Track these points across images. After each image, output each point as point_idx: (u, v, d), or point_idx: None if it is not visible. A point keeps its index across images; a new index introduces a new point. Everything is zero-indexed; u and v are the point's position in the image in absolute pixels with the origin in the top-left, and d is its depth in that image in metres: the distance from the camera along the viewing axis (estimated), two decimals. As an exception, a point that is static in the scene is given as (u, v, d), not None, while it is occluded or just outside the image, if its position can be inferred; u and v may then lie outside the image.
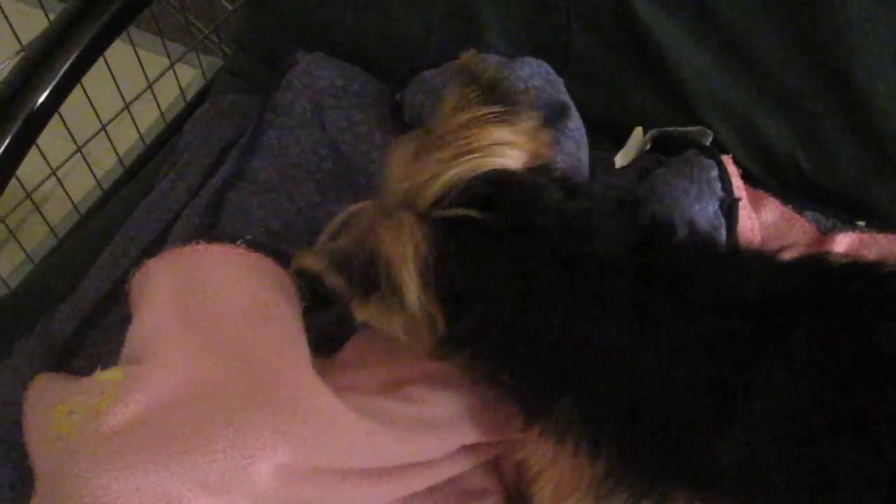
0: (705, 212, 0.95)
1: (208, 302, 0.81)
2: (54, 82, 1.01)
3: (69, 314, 0.94)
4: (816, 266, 0.69)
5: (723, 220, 0.96)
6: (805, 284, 0.67)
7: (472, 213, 0.67)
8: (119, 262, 0.97)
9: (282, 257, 0.88)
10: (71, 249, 1.12)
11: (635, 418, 0.66)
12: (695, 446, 0.63)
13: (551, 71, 1.05)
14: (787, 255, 0.70)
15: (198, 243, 0.85)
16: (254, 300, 0.82)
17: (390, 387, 0.80)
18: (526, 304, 0.66)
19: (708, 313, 0.64)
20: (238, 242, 0.86)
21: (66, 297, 0.97)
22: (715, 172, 0.97)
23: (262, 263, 0.86)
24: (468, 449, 0.79)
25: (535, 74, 1.02)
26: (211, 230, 0.97)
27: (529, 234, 0.67)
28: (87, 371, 0.81)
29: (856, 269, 0.67)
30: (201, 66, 1.44)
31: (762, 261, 0.71)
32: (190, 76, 1.49)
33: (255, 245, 0.87)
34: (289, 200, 1.03)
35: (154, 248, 0.96)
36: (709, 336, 0.63)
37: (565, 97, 1.04)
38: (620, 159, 1.06)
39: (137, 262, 0.90)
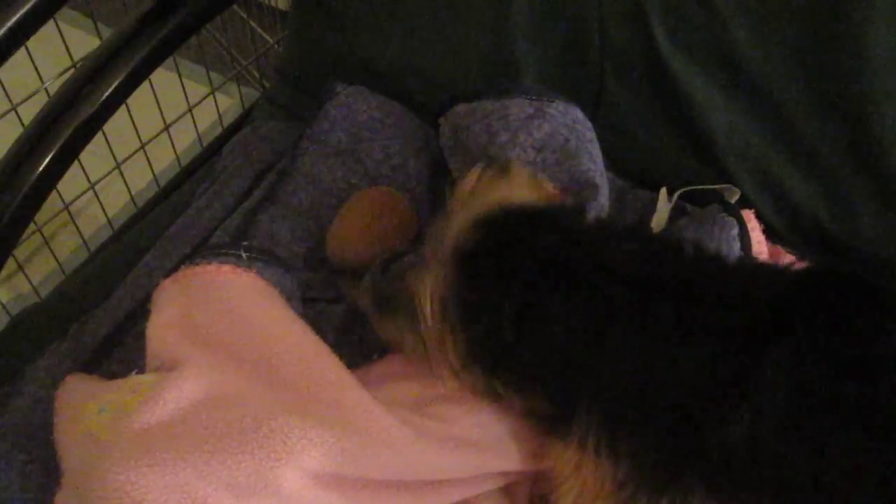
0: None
1: (227, 317, 0.84)
2: (100, 101, 1.05)
3: (102, 319, 0.96)
4: (822, 275, 0.74)
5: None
6: (810, 288, 0.72)
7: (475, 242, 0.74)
8: (153, 274, 1.00)
9: (282, 264, 0.93)
10: (103, 262, 1.15)
11: (648, 413, 0.68)
12: (704, 435, 0.66)
13: (580, 116, 1.08)
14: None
15: (201, 259, 0.88)
16: (270, 315, 0.85)
17: (421, 403, 0.82)
18: (528, 312, 0.71)
19: (714, 311, 0.68)
20: (243, 244, 0.90)
21: (99, 306, 1.00)
22: (735, 231, 0.99)
23: (264, 285, 0.89)
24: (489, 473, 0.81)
25: (562, 125, 1.05)
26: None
27: (530, 249, 0.73)
28: (119, 375, 0.84)
29: (859, 280, 0.72)
30: (240, 96, 1.49)
31: (768, 269, 0.78)
32: (227, 104, 1.54)
33: (254, 250, 0.90)
34: (316, 224, 1.07)
35: (192, 259, 0.99)
36: (715, 331, 0.67)
37: (592, 147, 1.07)
38: (656, 226, 1.08)
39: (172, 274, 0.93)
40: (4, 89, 1.12)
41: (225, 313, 0.82)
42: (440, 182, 1.10)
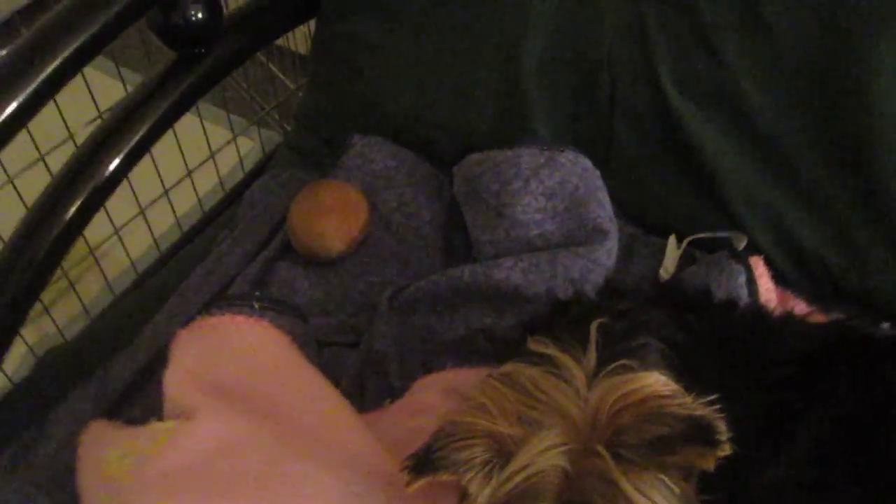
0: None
1: (240, 366, 0.87)
2: (126, 151, 1.08)
3: (125, 366, 0.99)
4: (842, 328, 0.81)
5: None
6: (836, 342, 0.77)
7: None
8: (174, 321, 1.03)
9: (295, 312, 0.96)
10: (127, 307, 1.18)
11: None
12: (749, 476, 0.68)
13: (589, 165, 1.11)
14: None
15: (216, 310, 0.90)
16: (282, 362, 0.88)
17: None
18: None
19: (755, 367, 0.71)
20: (256, 295, 0.92)
21: (122, 351, 1.03)
22: (742, 279, 1.01)
23: (276, 333, 0.92)
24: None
25: (572, 173, 1.08)
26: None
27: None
28: (140, 421, 0.86)
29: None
30: (260, 140, 1.53)
31: (794, 323, 0.80)
32: (247, 147, 1.57)
33: (266, 300, 0.94)
34: (332, 271, 1.10)
35: (208, 309, 1.02)
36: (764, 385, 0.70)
37: (601, 194, 1.09)
38: (664, 273, 1.10)
39: (191, 322, 0.96)
40: (33, 138, 1.15)
41: (239, 363, 0.85)
42: (454, 229, 1.13)
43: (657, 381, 0.65)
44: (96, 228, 1.24)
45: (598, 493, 0.61)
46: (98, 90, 1.22)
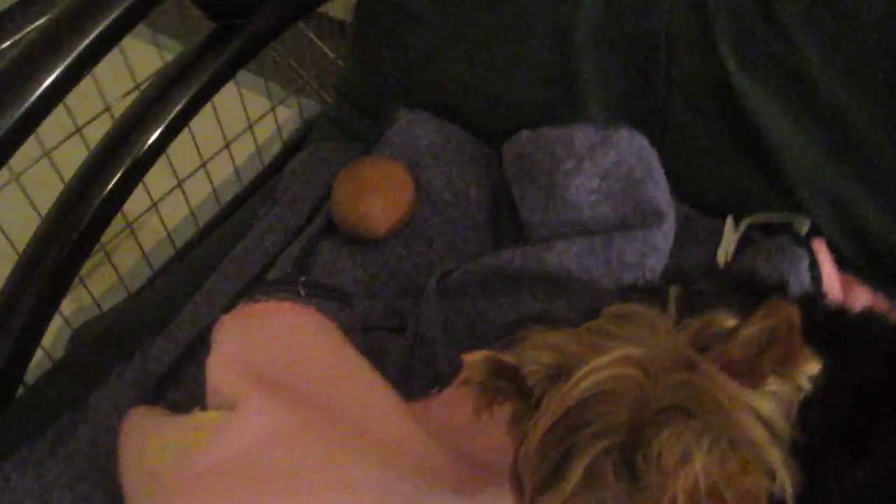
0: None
1: (286, 355, 0.84)
2: (164, 125, 1.06)
3: (165, 347, 0.97)
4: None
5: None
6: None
7: None
8: (215, 301, 1.00)
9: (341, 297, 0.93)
10: (167, 282, 1.15)
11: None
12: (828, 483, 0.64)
13: (646, 144, 1.06)
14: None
15: (260, 295, 0.87)
16: (329, 352, 0.85)
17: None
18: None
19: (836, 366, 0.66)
20: (301, 280, 0.89)
21: (162, 329, 1.01)
22: (805, 264, 0.97)
23: (322, 321, 0.89)
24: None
25: (628, 153, 1.03)
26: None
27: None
28: (183, 404, 0.84)
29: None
30: (300, 109, 1.49)
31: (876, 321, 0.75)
32: (285, 115, 1.54)
33: (312, 285, 0.90)
34: (377, 252, 1.06)
35: (250, 289, 0.99)
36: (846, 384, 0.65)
37: (658, 175, 1.05)
38: (721, 257, 1.06)
39: (233, 303, 0.93)
40: (68, 110, 1.12)
41: (284, 351, 0.83)
42: (503, 209, 1.09)
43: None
44: (132, 199, 1.21)
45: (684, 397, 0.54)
46: (134, 57, 1.18)
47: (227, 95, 1.27)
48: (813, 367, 0.57)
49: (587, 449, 0.52)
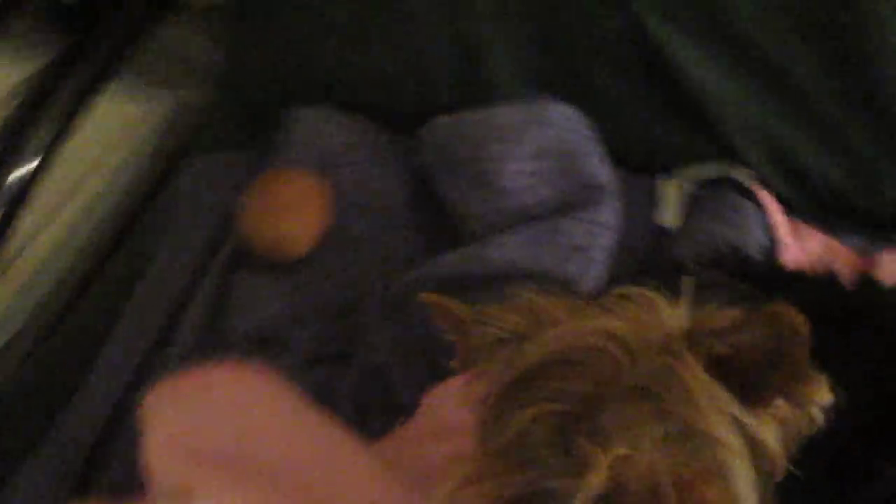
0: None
1: (231, 426, 0.74)
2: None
3: (79, 424, 0.84)
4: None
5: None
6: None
7: None
8: (128, 362, 0.88)
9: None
10: (53, 349, 1.00)
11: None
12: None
13: (573, 115, 1.00)
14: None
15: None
16: (276, 414, 0.76)
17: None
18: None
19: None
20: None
21: (60, 407, 0.88)
22: (760, 217, 0.94)
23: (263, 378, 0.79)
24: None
25: (558, 128, 0.96)
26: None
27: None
28: (124, 484, 0.76)
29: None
30: (177, 112, 1.33)
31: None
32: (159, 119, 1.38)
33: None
34: (299, 273, 0.96)
35: (162, 347, 0.90)
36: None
37: (594, 146, 0.99)
38: (664, 218, 1.00)
39: (146, 364, 0.85)
40: None
41: (232, 425, 0.72)
42: (429, 204, 0.99)
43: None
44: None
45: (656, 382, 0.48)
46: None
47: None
48: (824, 395, 0.50)
49: (528, 409, 0.49)
